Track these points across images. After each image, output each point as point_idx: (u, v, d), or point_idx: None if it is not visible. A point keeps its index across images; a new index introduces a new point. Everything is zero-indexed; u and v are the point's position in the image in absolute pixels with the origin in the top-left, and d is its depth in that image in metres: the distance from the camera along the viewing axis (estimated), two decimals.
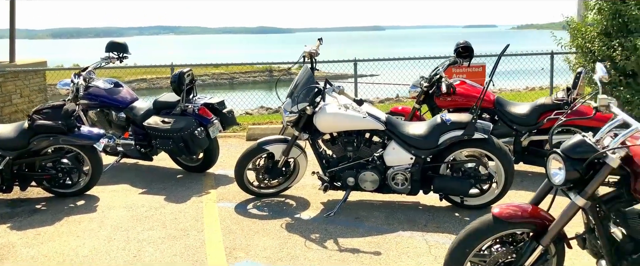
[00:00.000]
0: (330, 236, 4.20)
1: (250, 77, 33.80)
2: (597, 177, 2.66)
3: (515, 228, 2.82)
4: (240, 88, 26.41)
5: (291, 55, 8.54)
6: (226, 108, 6.06)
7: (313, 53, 4.97)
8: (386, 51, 27.34)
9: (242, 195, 5.15)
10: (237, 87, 29.12)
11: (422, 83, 5.94)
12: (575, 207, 2.71)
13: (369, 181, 4.67)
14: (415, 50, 52.33)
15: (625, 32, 7.09)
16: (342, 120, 4.63)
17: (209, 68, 29.58)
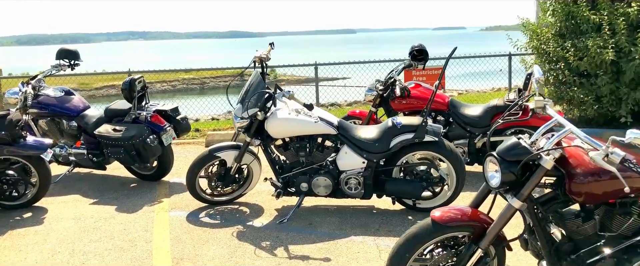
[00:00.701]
0: (281, 244, 4.14)
1: (221, 82, 33.49)
2: (532, 179, 2.67)
3: (454, 231, 2.82)
4: (211, 93, 26.16)
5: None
6: (180, 115, 5.96)
7: (264, 58, 4.92)
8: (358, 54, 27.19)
9: (195, 204, 5.05)
10: (207, 92, 28.84)
11: (378, 86, 5.94)
12: (512, 209, 2.72)
13: (322, 186, 4.64)
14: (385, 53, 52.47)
15: (578, 33, 7.24)
16: (294, 125, 4.59)
17: (179, 74, 29.26)
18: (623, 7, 6.71)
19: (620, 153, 2.40)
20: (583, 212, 2.80)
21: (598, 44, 6.71)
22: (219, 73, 32.59)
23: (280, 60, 8.84)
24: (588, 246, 2.85)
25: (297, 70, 9.04)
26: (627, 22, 6.64)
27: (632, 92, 6.66)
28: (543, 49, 7.63)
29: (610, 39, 6.64)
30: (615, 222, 2.80)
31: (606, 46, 6.62)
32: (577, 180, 2.67)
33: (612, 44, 6.59)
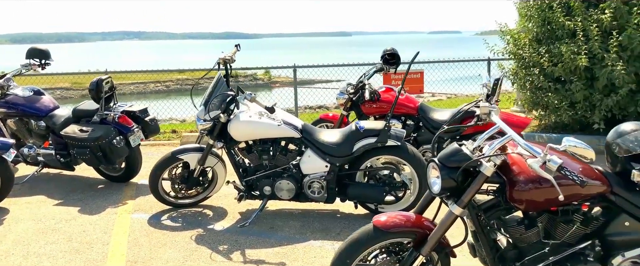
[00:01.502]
0: (239, 248, 4.11)
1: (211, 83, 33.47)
2: (472, 186, 2.64)
3: (396, 237, 2.79)
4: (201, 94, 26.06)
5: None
6: (149, 116, 5.91)
7: (228, 59, 4.88)
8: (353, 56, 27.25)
9: (159, 206, 5.01)
10: (200, 93, 28.74)
11: (348, 90, 5.92)
12: (453, 216, 2.69)
13: (285, 190, 4.60)
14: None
15: (553, 39, 7.24)
16: (257, 128, 4.56)
17: (173, 74, 29.24)
18: (597, 13, 6.72)
19: (557, 161, 2.38)
20: (526, 219, 2.79)
21: (572, 49, 6.71)
22: (212, 74, 32.56)
23: (274, 62, 8.79)
24: (532, 253, 2.84)
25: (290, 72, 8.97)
26: (600, 28, 6.65)
27: (605, 98, 6.67)
28: (520, 54, 7.63)
29: (583, 45, 6.65)
30: (559, 230, 2.79)
31: (580, 52, 6.63)
32: (517, 188, 2.65)
33: (585, 50, 6.59)
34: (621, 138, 2.92)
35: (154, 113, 9.25)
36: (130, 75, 26.69)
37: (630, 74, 6.47)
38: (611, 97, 6.60)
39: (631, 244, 2.88)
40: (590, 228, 2.83)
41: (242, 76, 31.43)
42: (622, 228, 2.85)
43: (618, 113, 6.79)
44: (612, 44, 6.43)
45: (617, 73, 6.39)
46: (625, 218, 2.84)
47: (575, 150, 2.41)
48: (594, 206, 2.85)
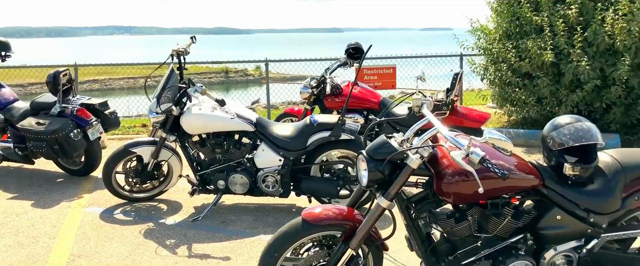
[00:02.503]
0: (186, 242, 4.06)
1: (205, 79, 33.31)
2: (398, 179, 2.61)
3: (324, 230, 2.76)
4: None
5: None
6: (109, 109, 5.84)
7: (182, 52, 4.81)
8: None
9: (115, 200, 4.95)
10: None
11: (311, 84, 5.88)
12: (380, 209, 2.67)
13: (239, 184, 4.56)
14: None
15: (521, 34, 7.24)
16: (209, 121, 4.51)
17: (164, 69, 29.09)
18: (563, 8, 6.72)
19: (479, 153, 2.35)
20: (457, 213, 2.77)
21: (538, 45, 6.71)
22: (204, 70, 32.41)
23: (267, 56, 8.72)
24: (464, 247, 2.82)
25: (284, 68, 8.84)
26: (567, 24, 6.65)
27: (571, 94, 6.67)
28: (490, 50, 7.62)
29: (550, 41, 6.65)
30: (491, 223, 2.77)
31: (546, 47, 6.63)
32: (443, 180, 2.63)
33: (551, 46, 6.59)
34: (556, 131, 2.91)
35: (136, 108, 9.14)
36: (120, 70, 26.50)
37: (595, 70, 6.48)
38: (577, 92, 6.61)
39: (563, 238, 2.88)
40: (522, 222, 2.81)
41: (233, 71, 31.32)
42: (554, 221, 2.85)
43: (584, 108, 6.80)
44: (576, 40, 6.44)
45: (582, 69, 6.39)
46: (558, 212, 2.83)
47: (496, 142, 2.38)
48: (525, 199, 2.84)
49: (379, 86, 8.55)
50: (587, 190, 2.84)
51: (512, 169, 2.71)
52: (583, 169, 2.83)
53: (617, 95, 6.41)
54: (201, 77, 33.04)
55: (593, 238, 2.87)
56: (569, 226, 2.85)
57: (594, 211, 2.83)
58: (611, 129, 6.76)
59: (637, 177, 2.88)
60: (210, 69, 31.93)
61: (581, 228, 2.86)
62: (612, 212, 2.86)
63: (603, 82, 6.55)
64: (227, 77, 31.63)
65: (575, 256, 2.88)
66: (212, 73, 33.38)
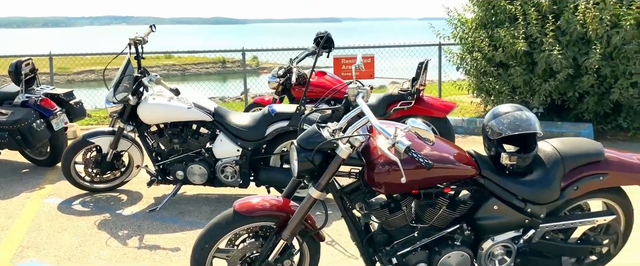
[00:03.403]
0: (139, 233, 4.03)
1: (202, 69, 33.17)
2: (329, 168, 2.58)
3: (256, 221, 2.73)
4: (192, 79, 25.81)
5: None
6: (74, 99, 5.78)
7: (139, 40, 4.74)
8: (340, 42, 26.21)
9: (76, 191, 4.91)
10: (188, 79, 28.48)
11: (279, 74, 5.83)
12: (311, 199, 2.63)
13: (197, 174, 4.52)
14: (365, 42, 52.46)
15: (497, 23, 7.18)
16: (166, 111, 4.46)
17: (160, 60, 29.05)
18: None
19: (405, 143, 2.31)
20: (392, 203, 2.73)
21: (511, 33, 6.66)
22: (201, 60, 32.30)
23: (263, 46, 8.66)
24: (401, 237, 2.80)
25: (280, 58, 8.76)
26: (540, 12, 6.59)
27: (544, 83, 6.63)
28: (466, 39, 7.57)
29: (522, 29, 6.59)
30: (426, 213, 2.74)
31: (518, 36, 6.58)
32: (374, 170, 2.59)
33: (523, 35, 6.54)
34: (495, 120, 2.87)
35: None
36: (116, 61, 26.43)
37: (568, 59, 6.43)
38: (549, 81, 6.56)
39: (501, 228, 2.86)
40: (458, 212, 2.78)
41: (230, 62, 31.20)
42: (491, 212, 2.82)
43: (557, 98, 6.77)
44: (549, 28, 6.38)
45: (554, 58, 6.35)
46: (495, 202, 2.81)
47: (419, 131, 2.34)
48: (461, 189, 2.80)
49: (358, 76, 8.43)
50: (524, 180, 2.81)
51: (445, 159, 2.67)
52: (520, 159, 2.79)
53: (589, 84, 6.37)
54: (198, 68, 32.92)
55: (531, 228, 2.84)
56: (506, 217, 2.82)
57: (531, 202, 2.80)
58: (585, 118, 6.73)
59: (577, 167, 2.85)
60: (207, 59, 31.84)
61: (519, 218, 2.83)
62: (550, 202, 2.82)
63: (576, 71, 6.51)
64: (224, 68, 31.52)
65: (514, 246, 2.86)
66: (209, 63, 33.25)
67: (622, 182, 2.96)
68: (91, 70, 28.75)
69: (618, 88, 6.27)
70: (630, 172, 2.92)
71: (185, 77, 30.43)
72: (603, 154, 2.89)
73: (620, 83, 6.26)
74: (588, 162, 2.86)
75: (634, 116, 6.48)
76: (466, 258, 2.80)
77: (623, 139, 6.57)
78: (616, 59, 6.26)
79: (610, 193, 3.01)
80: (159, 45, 17.80)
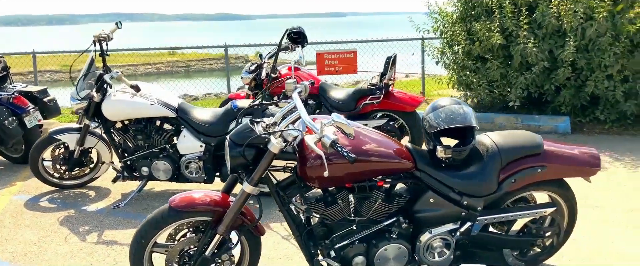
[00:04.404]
0: (100, 229, 4.07)
1: (206, 65, 33.17)
2: (261, 163, 2.59)
3: (192, 217, 2.75)
4: (196, 76, 25.88)
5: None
6: (48, 97, 5.82)
7: (104, 37, 4.76)
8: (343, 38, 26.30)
9: (46, 188, 4.96)
10: (193, 75, 28.51)
11: (251, 69, 5.84)
12: (245, 194, 2.65)
13: (162, 170, 4.55)
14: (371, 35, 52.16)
15: (475, 16, 7.16)
16: (129, 108, 4.48)
17: (164, 56, 29.14)
18: None
19: (330, 137, 2.32)
20: (329, 197, 2.75)
21: (487, 27, 6.64)
22: (204, 56, 32.33)
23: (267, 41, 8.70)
24: (340, 230, 2.82)
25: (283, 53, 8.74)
26: (515, 5, 6.57)
27: (521, 76, 6.61)
28: (445, 32, 7.55)
29: (498, 22, 6.58)
30: (363, 207, 2.76)
31: (493, 29, 6.56)
32: (305, 165, 2.61)
33: (498, 28, 6.52)
34: (433, 113, 2.88)
35: None
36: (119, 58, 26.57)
37: (544, 51, 6.41)
38: (525, 74, 6.55)
39: (438, 221, 2.87)
40: (395, 205, 2.80)
41: (233, 58, 31.21)
42: (428, 204, 2.83)
43: (534, 91, 6.75)
44: (523, 21, 6.36)
45: (529, 51, 6.33)
46: (431, 195, 2.82)
47: (340, 125, 2.35)
48: (396, 183, 2.82)
49: (341, 71, 8.49)
50: (461, 173, 2.82)
51: (378, 152, 2.69)
52: (455, 152, 2.81)
53: (565, 77, 6.34)
54: (202, 64, 32.95)
55: (468, 220, 2.86)
56: (443, 209, 2.83)
57: (468, 194, 2.81)
58: (562, 111, 6.71)
59: (514, 160, 2.85)
60: (211, 56, 31.84)
61: (455, 211, 2.84)
62: (487, 195, 2.83)
63: (552, 64, 6.48)
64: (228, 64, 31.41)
65: (452, 239, 2.87)
66: (212, 59, 33.25)
67: (561, 174, 2.96)
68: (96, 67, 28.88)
69: (593, 81, 6.25)
70: (569, 164, 2.93)
71: (189, 73, 30.47)
72: (542, 147, 2.90)
73: (596, 75, 6.24)
74: (526, 154, 2.87)
75: (610, 109, 6.45)
76: (403, 251, 2.81)
77: (600, 132, 6.55)
78: (591, 52, 6.24)
79: (552, 186, 3.02)
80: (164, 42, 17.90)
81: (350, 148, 2.57)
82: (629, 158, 5.50)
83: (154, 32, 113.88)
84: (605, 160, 5.49)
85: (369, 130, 2.84)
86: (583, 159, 2.96)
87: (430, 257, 2.88)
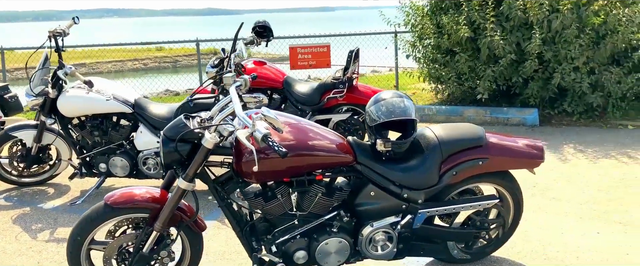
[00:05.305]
0: (53, 226, 4.03)
1: (194, 60, 32.92)
2: (195, 159, 2.56)
3: (127, 213, 2.71)
4: (184, 71, 25.69)
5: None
6: (9, 93, 5.72)
7: (58, 33, 4.69)
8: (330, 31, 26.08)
9: (3, 186, 4.89)
10: (180, 71, 28.30)
11: (214, 63, 5.78)
12: (180, 190, 2.62)
13: (119, 167, 4.51)
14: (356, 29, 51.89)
15: (445, 10, 7.16)
16: (84, 104, 4.43)
17: (151, 51, 28.94)
18: None
19: (262, 131, 2.29)
20: (267, 191, 2.72)
21: (455, 20, 6.64)
22: (192, 51, 32.10)
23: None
24: (281, 225, 2.80)
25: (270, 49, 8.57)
26: None
27: (488, 69, 6.62)
28: (415, 26, 7.54)
29: (465, 15, 6.58)
30: (304, 201, 2.75)
31: (461, 22, 6.56)
32: (240, 159, 2.58)
33: (465, 20, 6.52)
34: (374, 106, 2.87)
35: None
36: (107, 54, 26.26)
37: (511, 44, 6.42)
38: (491, 67, 6.56)
39: (380, 214, 2.86)
40: (336, 199, 2.78)
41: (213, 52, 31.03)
42: (369, 198, 2.83)
43: (503, 84, 6.77)
44: (489, 14, 6.37)
45: (496, 44, 6.34)
46: (372, 188, 2.81)
47: (269, 120, 2.33)
48: (336, 176, 2.80)
49: (314, 65, 8.46)
50: (401, 166, 2.81)
51: (315, 146, 2.67)
52: (395, 145, 2.79)
53: (532, 69, 6.36)
54: (190, 59, 32.66)
55: (409, 213, 2.85)
56: (384, 203, 2.83)
57: (408, 187, 2.81)
58: (531, 104, 6.74)
59: (455, 152, 2.85)
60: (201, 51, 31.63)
61: (396, 204, 2.83)
62: (428, 188, 2.83)
63: (520, 57, 6.50)
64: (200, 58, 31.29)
65: (394, 232, 2.86)
66: (202, 54, 32.95)
67: (503, 166, 2.96)
68: (82, 63, 28.62)
69: (559, 73, 6.27)
70: (510, 156, 2.93)
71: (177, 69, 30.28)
72: (483, 139, 2.89)
73: (562, 68, 6.26)
74: (468, 147, 2.86)
75: (578, 101, 6.49)
76: (345, 245, 2.80)
77: (567, 124, 6.58)
78: (558, 44, 6.26)
79: (497, 178, 3.02)
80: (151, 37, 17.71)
81: (283, 143, 2.55)
82: (592, 149, 5.53)
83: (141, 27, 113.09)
84: (569, 152, 5.52)
85: (309, 124, 2.82)
86: (526, 151, 2.96)
87: (373, 250, 2.88)
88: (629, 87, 6.25)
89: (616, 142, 5.75)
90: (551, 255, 3.33)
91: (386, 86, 9.15)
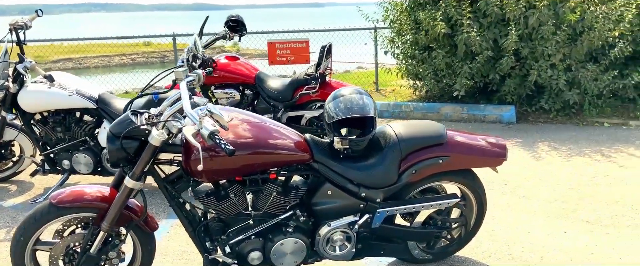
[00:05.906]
0: (11, 225, 3.91)
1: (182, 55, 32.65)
2: (142, 157, 2.47)
3: (72, 213, 2.61)
4: (173, 66, 25.37)
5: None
6: None
7: (20, 26, 4.55)
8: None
9: None
10: (168, 66, 27.97)
11: (185, 58, 5.67)
12: (127, 189, 2.53)
13: (83, 163, 4.39)
14: None
15: (424, 5, 7.09)
16: (46, 99, 4.30)
17: (139, 47, 28.61)
18: None
19: (209, 128, 2.20)
20: (220, 190, 2.64)
21: (432, 16, 6.58)
22: (181, 46, 31.78)
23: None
24: (236, 225, 2.72)
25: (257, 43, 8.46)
26: None
27: (465, 65, 6.56)
28: (393, 22, 7.47)
29: (441, 11, 6.51)
30: (259, 200, 2.67)
31: (437, 18, 6.50)
32: (188, 157, 2.50)
33: (441, 16, 6.46)
34: (332, 102, 2.79)
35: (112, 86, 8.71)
36: (94, 49, 25.92)
37: (488, 41, 6.37)
38: (467, 63, 6.50)
39: (337, 213, 2.79)
40: (292, 198, 2.70)
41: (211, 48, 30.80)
42: (325, 197, 2.76)
43: (480, 80, 6.72)
44: (466, 10, 6.31)
45: (473, 40, 6.28)
46: (329, 187, 2.74)
47: (214, 116, 2.24)
48: (291, 175, 2.72)
49: (293, 60, 8.36)
50: (359, 164, 2.74)
51: (268, 144, 2.58)
52: (352, 143, 2.72)
53: (508, 66, 6.31)
54: (179, 54, 32.31)
55: (367, 213, 2.78)
56: (341, 202, 2.75)
57: (366, 186, 2.73)
58: (508, 101, 6.70)
59: (415, 150, 2.78)
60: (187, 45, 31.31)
61: (354, 203, 2.76)
62: (387, 186, 2.76)
63: (497, 53, 6.45)
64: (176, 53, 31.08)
65: (352, 232, 2.78)
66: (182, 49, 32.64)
67: (465, 164, 2.90)
68: (69, 58, 28.27)
69: (536, 70, 6.23)
70: (471, 154, 2.87)
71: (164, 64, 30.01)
72: (444, 137, 2.82)
73: (539, 64, 6.22)
74: (428, 144, 2.79)
75: (555, 98, 6.45)
76: (301, 245, 2.73)
77: (544, 121, 6.55)
78: (534, 41, 6.22)
79: (459, 176, 2.96)
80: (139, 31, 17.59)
81: (234, 140, 2.46)
82: (566, 147, 5.50)
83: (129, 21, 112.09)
84: (543, 149, 5.49)
85: (264, 121, 2.73)
86: (488, 149, 2.90)
87: (331, 250, 2.80)
88: (606, 85, 6.23)
89: (591, 139, 5.72)
90: (516, 255, 3.27)
91: (366, 83, 9.08)
